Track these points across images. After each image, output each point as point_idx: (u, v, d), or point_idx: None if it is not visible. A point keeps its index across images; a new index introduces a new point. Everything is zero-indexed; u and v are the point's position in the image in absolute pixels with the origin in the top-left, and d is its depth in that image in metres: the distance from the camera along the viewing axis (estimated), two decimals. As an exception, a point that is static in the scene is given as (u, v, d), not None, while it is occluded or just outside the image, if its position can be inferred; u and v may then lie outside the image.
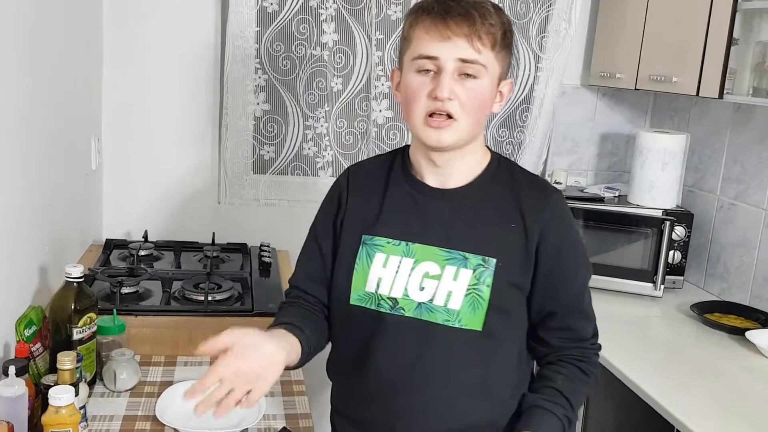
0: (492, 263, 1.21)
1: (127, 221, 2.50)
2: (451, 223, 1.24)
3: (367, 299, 1.25)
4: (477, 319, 1.21)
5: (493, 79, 1.19)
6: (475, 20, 1.13)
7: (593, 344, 1.30)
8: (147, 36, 2.42)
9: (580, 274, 1.28)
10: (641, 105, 2.82)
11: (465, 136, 1.20)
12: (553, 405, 1.21)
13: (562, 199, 1.28)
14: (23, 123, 1.56)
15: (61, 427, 1.20)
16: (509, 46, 1.21)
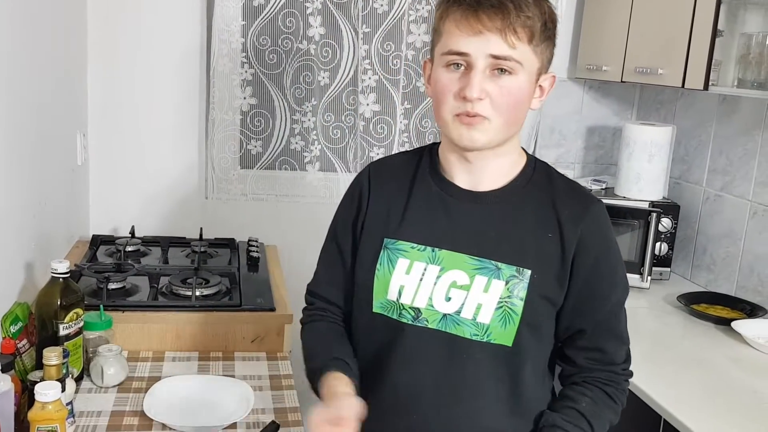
0: (527, 275, 1.11)
1: (114, 217, 2.49)
2: (483, 228, 1.14)
3: (389, 308, 1.16)
4: (508, 334, 1.12)
5: (531, 74, 1.09)
6: (509, 12, 1.03)
7: (624, 370, 1.20)
8: (132, 31, 2.40)
9: (617, 291, 1.17)
10: (627, 97, 2.83)
11: (499, 136, 1.10)
12: (574, 428, 1.12)
13: (603, 209, 1.18)
14: (8, 118, 1.55)
15: (47, 423, 1.19)
16: (551, 38, 1.10)
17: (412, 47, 2.56)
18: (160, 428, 1.40)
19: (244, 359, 1.76)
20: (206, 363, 1.72)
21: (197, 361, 1.73)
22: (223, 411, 1.48)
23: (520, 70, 1.07)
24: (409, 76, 2.57)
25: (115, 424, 1.41)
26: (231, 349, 1.79)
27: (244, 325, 1.80)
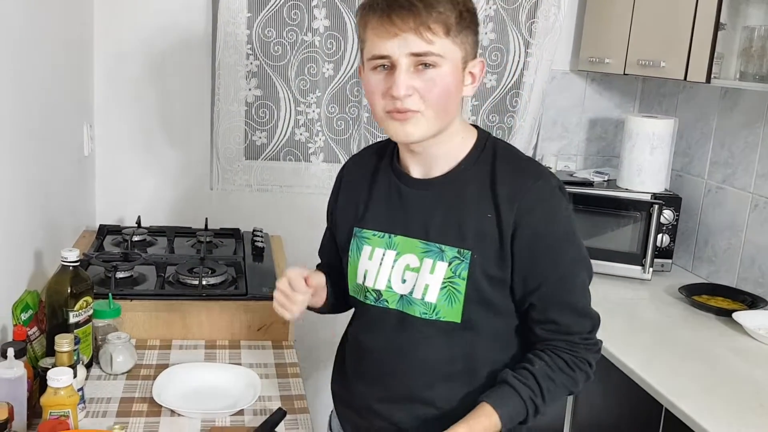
0: (467, 255, 1.17)
1: (120, 207, 2.50)
2: (431, 214, 1.21)
3: (359, 290, 1.28)
4: (455, 311, 1.19)
5: (455, 64, 1.14)
6: (420, 12, 1.08)
7: (585, 339, 1.22)
8: (138, 22, 2.41)
9: (562, 265, 1.19)
10: (630, 90, 2.84)
11: (434, 127, 1.16)
12: (521, 386, 1.17)
13: (545, 185, 1.19)
14: (16, 109, 1.56)
15: (60, 408, 1.21)
16: (470, 26, 1.15)
17: (416, 39, 2.56)
18: (168, 414, 1.42)
19: (250, 348, 1.78)
20: (213, 351, 1.74)
21: (204, 349, 1.75)
22: (230, 398, 1.50)
23: (443, 62, 1.12)
24: (413, 68, 2.58)
25: (124, 410, 1.43)
26: (237, 338, 1.82)
27: (250, 313, 1.82)
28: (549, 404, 1.19)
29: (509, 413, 1.15)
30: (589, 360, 1.23)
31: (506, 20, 2.61)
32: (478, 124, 2.66)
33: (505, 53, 2.64)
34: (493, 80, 2.66)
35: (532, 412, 1.17)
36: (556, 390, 1.19)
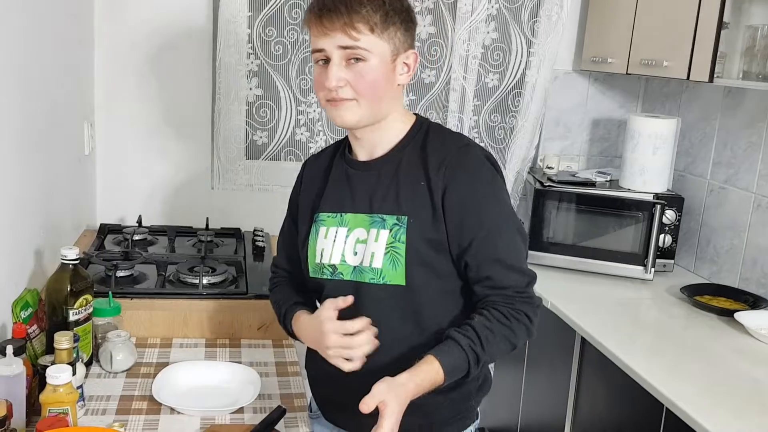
0: (404, 221, 1.29)
1: (121, 206, 2.50)
2: (374, 189, 1.33)
3: (318, 269, 1.38)
4: (399, 275, 1.29)
5: (384, 57, 1.26)
6: (342, 14, 1.22)
7: (520, 292, 1.29)
8: (139, 21, 2.41)
9: (488, 222, 1.28)
10: (633, 90, 2.83)
11: (368, 114, 1.29)
12: (461, 337, 1.24)
13: (469, 152, 1.31)
14: (17, 108, 1.56)
15: (59, 406, 1.21)
16: (398, 22, 1.26)
17: (417, 38, 2.55)
18: (168, 412, 1.42)
19: (250, 346, 1.77)
20: (213, 350, 1.74)
21: (204, 347, 1.75)
22: (230, 396, 1.49)
23: (370, 56, 1.25)
24: (415, 68, 2.58)
25: (124, 408, 1.43)
26: (237, 336, 1.81)
27: (250, 312, 1.82)
28: (490, 354, 1.26)
29: (450, 362, 1.22)
30: (527, 312, 1.29)
31: (508, 19, 2.60)
32: (479, 124, 2.67)
33: (507, 52, 2.63)
34: (495, 80, 2.65)
35: (473, 360, 1.24)
36: (494, 340, 1.25)
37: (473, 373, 1.25)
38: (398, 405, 1.16)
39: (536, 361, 2.44)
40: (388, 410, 1.14)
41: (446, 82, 2.60)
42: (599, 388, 2.03)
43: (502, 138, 2.70)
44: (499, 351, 1.28)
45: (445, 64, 2.59)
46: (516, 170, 2.69)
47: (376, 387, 1.17)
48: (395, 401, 1.15)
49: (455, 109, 2.61)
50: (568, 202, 2.48)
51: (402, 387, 1.17)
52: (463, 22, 2.53)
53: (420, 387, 1.20)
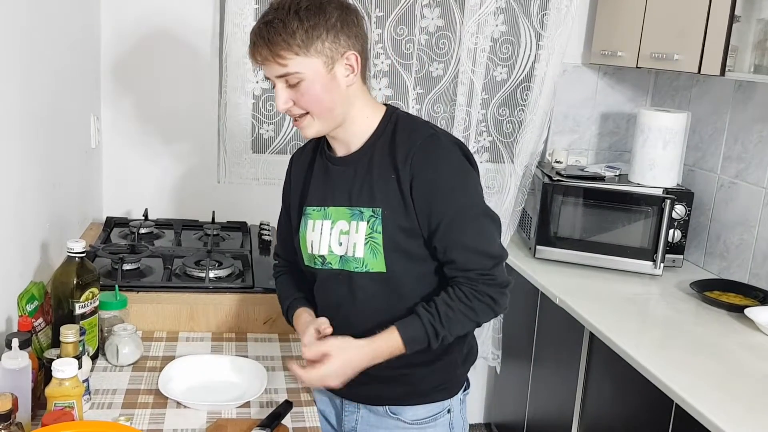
0: (379, 212, 1.37)
1: (127, 200, 2.50)
2: (351, 183, 1.40)
3: (310, 259, 1.47)
4: (379, 262, 1.38)
5: (317, 71, 1.30)
6: (264, 46, 1.28)
7: (482, 275, 1.36)
8: (145, 14, 2.40)
9: (452, 209, 1.35)
10: (642, 84, 2.81)
11: (325, 123, 1.36)
12: (424, 312, 1.35)
13: (432, 141, 1.36)
14: (23, 102, 1.55)
15: (64, 399, 1.20)
16: (323, 35, 1.29)
17: (425, 32, 2.55)
18: (174, 406, 1.41)
19: (256, 340, 1.77)
20: (219, 343, 1.73)
21: (210, 341, 1.74)
22: (237, 390, 1.49)
23: (304, 76, 1.30)
24: (422, 61, 2.56)
25: (130, 402, 1.42)
26: (243, 330, 1.81)
27: (256, 306, 1.81)
28: (449, 330, 1.35)
29: (409, 333, 1.34)
30: (490, 293, 1.37)
31: (517, 12, 2.58)
32: (487, 117, 2.65)
33: (515, 46, 2.61)
34: (504, 73, 2.63)
35: (432, 333, 1.34)
36: (454, 316, 1.35)
37: (433, 344, 1.35)
38: (341, 362, 1.31)
39: (544, 357, 2.42)
40: (326, 362, 1.30)
41: (454, 76, 2.58)
42: (607, 384, 2.01)
43: (511, 132, 2.69)
44: (459, 326, 1.37)
45: (453, 57, 2.57)
46: (524, 164, 2.67)
47: (329, 340, 1.33)
48: (339, 359, 1.31)
49: (463, 103, 2.59)
50: (576, 197, 2.46)
51: (357, 349, 1.33)
52: (472, 15, 2.51)
53: (378, 351, 1.33)
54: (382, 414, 1.47)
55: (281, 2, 1.29)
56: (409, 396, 1.46)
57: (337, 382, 1.34)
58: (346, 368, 1.34)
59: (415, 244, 1.38)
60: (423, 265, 1.40)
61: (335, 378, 1.33)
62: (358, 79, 1.36)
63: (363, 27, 1.37)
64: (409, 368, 1.38)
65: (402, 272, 1.39)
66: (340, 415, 1.54)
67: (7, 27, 1.44)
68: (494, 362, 2.81)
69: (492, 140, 2.70)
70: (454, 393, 1.50)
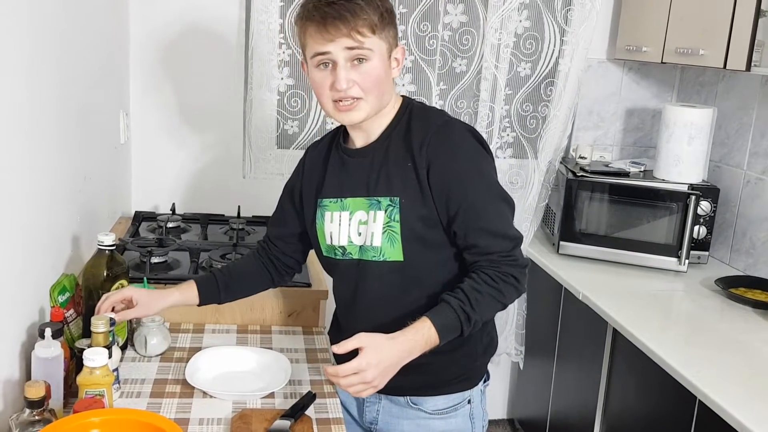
0: (396, 201, 1.38)
1: (155, 194, 2.54)
2: (368, 174, 1.42)
3: (330, 250, 1.49)
4: (397, 251, 1.39)
5: (383, 55, 1.35)
6: (348, 20, 1.29)
7: (505, 256, 1.37)
8: (173, 12, 2.44)
9: (471, 193, 1.36)
10: (668, 79, 2.79)
11: (374, 109, 1.38)
12: (451, 298, 1.34)
13: (447, 128, 1.38)
14: (59, 99, 1.59)
15: (95, 387, 1.24)
16: (391, 23, 1.35)
17: (448, 27, 2.55)
18: (201, 396, 1.44)
19: (280, 333, 1.80)
20: (244, 335, 1.76)
21: (236, 333, 1.78)
22: (262, 381, 1.52)
23: (372, 56, 1.33)
24: (445, 57, 2.57)
25: (158, 391, 1.46)
26: (268, 323, 1.83)
27: (281, 299, 1.84)
28: (480, 313, 1.35)
29: (442, 321, 1.32)
30: (513, 274, 1.37)
31: (541, 8, 2.58)
32: (511, 113, 2.65)
33: (540, 41, 2.61)
34: (528, 69, 2.63)
35: (464, 318, 1.33)
36: (483, 300, 1.34)
37: (466, 331, 1.34)
38: (375, 356, 1.26)
39: (567, 353, 2.42)
40: (360, 357, 1.25)
41: (477, 71, 2.58)
42: (630, 380, 2.01)
43: (534, 127, 2.68)
44: (489, 309, 1.37)
45: (476, 53, 2.57)
46: (548, 160, 2.66)
47: (359, 334, 1.29)
48: (372, 352, 1.26)
49: (486, 99, 2.59)
50: (601, 192, 2.45)
51: (389, 341, 1.28)
52: (495, 11, 2.51)
53: (412, 342, 1.30)
54: (403, 404, 1.49)
55: None
56: (429, 386, 1.47)
57: (377, 381, 1.27)
58: (384, 363, 1.26)
59: (433, 231, 1.39)
60: (441, 252, 1.41)
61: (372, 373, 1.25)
62: (397, 75, 1.42)
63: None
64: (429, 358, 1.35)
65: (419, 260, 1.40)
66: (361, 405, 1.56)
67: (46, 29, 1.48)
68: (517, 358, 2.81)
69: (515, 136, 2.70)
70: (475, 384, 1.51)
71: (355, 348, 1.27)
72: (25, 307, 1.39)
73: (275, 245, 1.64)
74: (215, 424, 1.35)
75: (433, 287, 1.41)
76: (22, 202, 1.37)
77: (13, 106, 1.30)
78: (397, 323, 1.34)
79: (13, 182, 1.31)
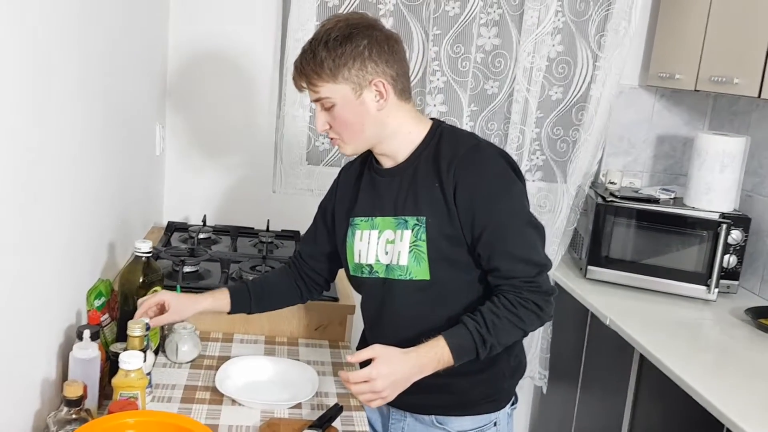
0: (423, 221, 1.40)
1: (186, 206, 2.58)
2: (397, 194, 1.45)
3: (357, 269, 1.51)
4: (423, 270, 1.41)
5: (346, 98, 1.37)
6: (302, 72, 1.37)
7: (527, 282, 1.37)
8: (210, 29, 2.49)
9: (495, 217, 1.37)
10: (700, 107, 2.78)
11: (358, 144, 1.43)
12: (468, 320, 1.35)
13: (476, 151, 1.40)
14: (105, 108, 1.64)
15: (130, 390, 1.26)
16: (349, 62, 1.35)
17: (481, 50, 2.58)
18: (230, 403, 1.46)
19: (307, 345, 1.81)
20: (272, 347, 1.78)
21: (264, 344, 1.79)
22: (289, 391, 1.53)
23: (335, 101, 1.37)
24: (477, 79, 2.59)
25: (188, 397, 1.48)
26: (295, 336, 1.85)
27: (309, 312, 1.86)
28: (497, 337, 1.35)
29: (457, 342, 1.34)
30: (535, 300, 1.37)
31: (575, 32, 2.60)
32: (541, 136, 2.67)
33: (572, 66, 2.62)
34: (559, 93, 2.65)
35: (480, 341, 1.34)
36: (501, 324, 1.35)
37: (482, 354, 1.35)
38: (386, 367, 1.29)
39: (591, 378, 2.40)
40: (371, 366, 1.29)
41: (509, 94, 2.60)
42: (656, 407, 1.99)
43: (564, 151, 2.69)
44: (506, 334, 1.37)
45: (508, 75, 2.59)
46: (577, 184, 2.67)
47: (374, 345, 1.32)
48: (384, 363, 1.29)
49: (517, 121, 2.61)
50: (629, 218, 2.45)
51: (402, 355, 1.31)
52: (529, 35, 2.53)
53: (423, 359, 1.32)
54: (428, 423, 1.49)
55: (316, 34, 1.39)
56: (456, 406, 1.48)
57: (387, 392, 1.30)
58: (395, 375, 1.29)
59: (459, 251, 1.40)
60: (467, 273, 1.42)
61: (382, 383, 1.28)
62: (392, 102, 1.40)
63: (397, 52, 1.40)
64: (455, 377, 1.38)
65: (446, 280, 1.41)
66: (386, 422, 1.56)
67: (92, 50, 1.52)
68: (540, 382, 2.79)
69: (545, 159, 2.71)
70: (502, 406, 1.51)
71: (369, 358, 1.31)
72: (63, 309, 1.42)
73: (306, 262, 1.67)
74: (244, 431, 1.37)
75: (458, 308, 1.41)
76: (68, 207, 1.41)
77: (65, 113, 1.35)
78: (416, 341, 1.35)
79: (62, 187, 1.36)
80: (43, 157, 1.25)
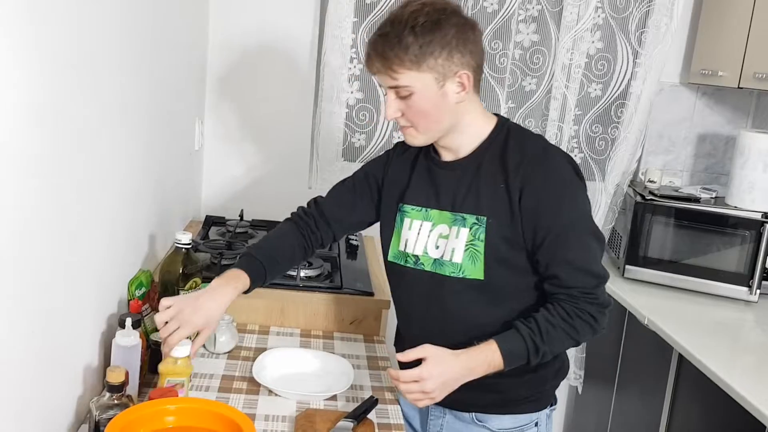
0: (483, 221, 1.37)
1: (223, 200, 2.62)
2: (456, 189, 1.41)
3: (400, 256, 1.48)
4: (478, 270, 1.37)
5: (428, 87, 1.31)
6: (384, 57, 1.29)
7: (585, 293, 1.34)
8: (249, 25, 2.52)
9: (559, 224, 1.33)
10: (743, 105, 2.72)
11: (428, 135, 1.38)
12: (522, 326, 1.32)
13: (547, 154, 1.37)
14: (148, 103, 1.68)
15: (176, 377, 1.29)
16: (436, 51, 1.28)
17: (519, 46, 2.56)
18: (266, 393, 1.48)
19: (342, 339, 1.82)
20: (307, 339, 1.80)
21: (299, 337, 1.81)
22: (324, 384, 1.54)
23: (413, 90, 1.31)
24: (515, 75, 2.58)
25: (226, 387, 1.50)
26: (330, 329, 1.86)
27: (344, 307, 1.87)
28: (550, 346, 1.33)
29: (509, 347, 1.31)
30: (591, 312, 1.34)
31: (615, 29, 2.56)
32: (579, 134, 2.64)
33: (612, 62, 2.59)
34: (599, 90, 2.61)
35: (532, 348, 1.31)
36: (555, 333, 1.32)
37: (533, 361, 1.32)
38: (437, 368, 1.27)
39: (628, 378, 2.37)
40: (422, 366, 1.26)
41: (547, 91, 2.58)
42: (696, 407, 1.95)
43: (603, 149, 2.66)
44: (560, 344, 1.35)
45: (547, 72, 2.57)
46: (616, 182, 2.63)
47: (425, 345, 1.29)
48: (435, 363, 1.27)
49: (555, 118, 2.58)
50: (669, 217, 2.41)
51: (453, 356, 1.29)
52: (568, 31, 2.51)
53: (473, 361, 1.29)
54: (468, 421, 1.47)
55: (399, 16, 1.30)
56: (497, 405, 1.46)
57: (436, 393, 1.28)
58: (445, 376, 1.27)
59: (518, 254, 1.36)
60: (523, 276, 1.39)
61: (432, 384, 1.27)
62: (470, 95, 1.35)
63: (480, 42, 1.35)
64: (500, 377, 1.34)
65: (501, 282, 1.38)
66: (425, 419, 1.56)
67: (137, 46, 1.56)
68: (576, 382, 2.77)
69: (583, 157, 2.68)
70: (543, 407, 1.49)
71: (418, 358, 1.28)
72: (105, 298, 1.46)
73: (327, 223, 1.58)
74: (280, 421, 1.39)
75: (511, 312, 1.38)
76: (114, 199, 1.45)
77: (111, 111, 1.38)
78: (466, 343, 1.33)
79: (106, 182, 1.39)
80: (91, 154, 1.28)
